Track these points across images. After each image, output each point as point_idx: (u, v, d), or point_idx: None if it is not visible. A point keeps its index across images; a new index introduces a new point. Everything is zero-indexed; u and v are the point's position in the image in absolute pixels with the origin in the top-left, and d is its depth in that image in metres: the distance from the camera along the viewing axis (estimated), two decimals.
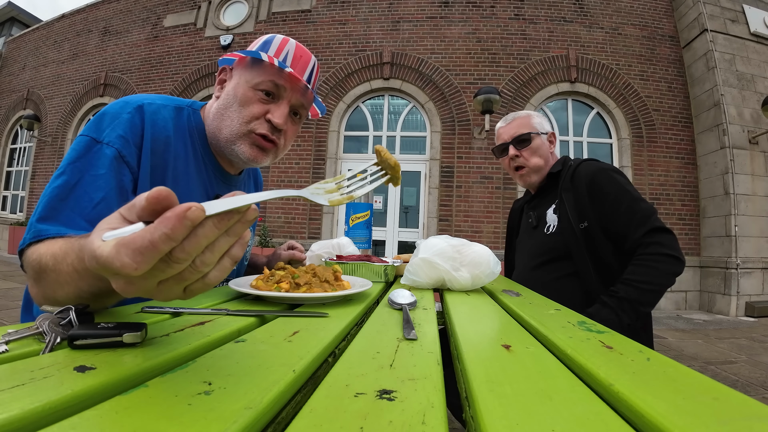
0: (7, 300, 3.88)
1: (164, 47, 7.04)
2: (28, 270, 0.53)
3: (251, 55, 0.74)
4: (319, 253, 1.10)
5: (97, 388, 0.26)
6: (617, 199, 1.09)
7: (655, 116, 5.66)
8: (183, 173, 0.73)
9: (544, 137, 1.28)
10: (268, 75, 0.74)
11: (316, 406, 0.25)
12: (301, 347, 0.38)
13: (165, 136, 0.70)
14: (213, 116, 0.77)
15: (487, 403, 0.26)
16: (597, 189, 1.13)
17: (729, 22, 5.58)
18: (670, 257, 1.01)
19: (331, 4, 6.41)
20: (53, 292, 0.46)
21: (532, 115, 1.31)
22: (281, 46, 0.77)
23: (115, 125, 0.65)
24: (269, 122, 0.75)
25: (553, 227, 1.21)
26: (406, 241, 5.84)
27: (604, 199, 1.11)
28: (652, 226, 1.04)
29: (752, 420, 0.25)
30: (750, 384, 2.34)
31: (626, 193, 1.10)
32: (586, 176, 1.15)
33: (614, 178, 1.13)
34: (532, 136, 1.26)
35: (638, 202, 1.08)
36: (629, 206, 1.08)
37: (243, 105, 0.74)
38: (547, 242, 1.22)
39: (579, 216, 1.14)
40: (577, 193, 1.16)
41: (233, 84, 0.76)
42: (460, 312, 0.62)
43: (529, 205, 1.38)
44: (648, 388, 0.30)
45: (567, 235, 1.15)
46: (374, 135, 6.17)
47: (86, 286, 0.42)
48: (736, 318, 4.66)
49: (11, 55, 9.20)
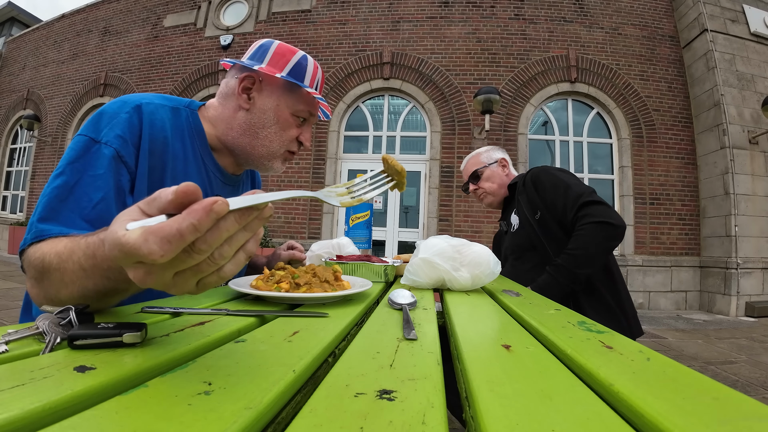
0: (7, 300, 3.88)
1: (164, 47, 7.04)
2: (29, 270, 0.53)
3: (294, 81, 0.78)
4: (319, 253, 1.10)
5: (97, 388, 0.26)
6: (555, 187, 1.29)
7: (655, 116, 5.66)
8: (182, 173, 0.73)
9: (494, 166, 1.54)
10: (308, 105, 0.82)
11: (316, 406, 0.25)
12: (301, 347, 0.38)
13: (163, 136, 0.70)
14: (242, 130, 0.79)
15: (487, 403, 0.26)
16: (540, 183, 1.34)
17: (729, 22, 5.58)
18: (600, 223, 1.15)
19: (331, 4, 6.41)
20: (56, 291, 0.46)
21: (480, 152, 1.59)
22: (314, 73, 0.83)
23: (113, 125, 0.65)
24: (299, 142, 0.84)
25: (516, 226, 1.43)
26: (406, 241, 5.84)
27: (545, 191, 1.31)
28: (582, 201, 1.20)
29: (752, 420, 0.25)
30: (750, 384, 2.34)
31: (561, 181, 1.29)
32: (532, 177, 1.37)
33: (552, 173, 1.34)
34: (480, 171, 1.55)
35: (571, 187, 1.26)
36: (564, 192, 1.26)
37: (283, 129, 0.81)
38: (514, 240, 1.43)
39: (532, 210, 1.34)
40: (528, 193, 1.36)
41: (271, 105, 0.79)
42: (460, 312, 0.62)
43: (501, 219, 1.64)
44: (648, 388, 0.30)
45: (527, 229, 1.35)
46: (374, 135, 6.17)
47: (91, 285, 0.42)
48: (736, 318, 4.66)
49: (11, 55, 9.20)
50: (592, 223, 1.16)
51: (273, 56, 0.79)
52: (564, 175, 1.33)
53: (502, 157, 1.56)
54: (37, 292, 0.51)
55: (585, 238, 1.16)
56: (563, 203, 1.25)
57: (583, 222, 1.18)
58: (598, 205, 1.18)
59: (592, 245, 1.15)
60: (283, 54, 0.79)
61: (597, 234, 1.15)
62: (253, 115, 0.78)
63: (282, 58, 0.78)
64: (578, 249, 1.16)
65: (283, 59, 0.78)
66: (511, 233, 1.45)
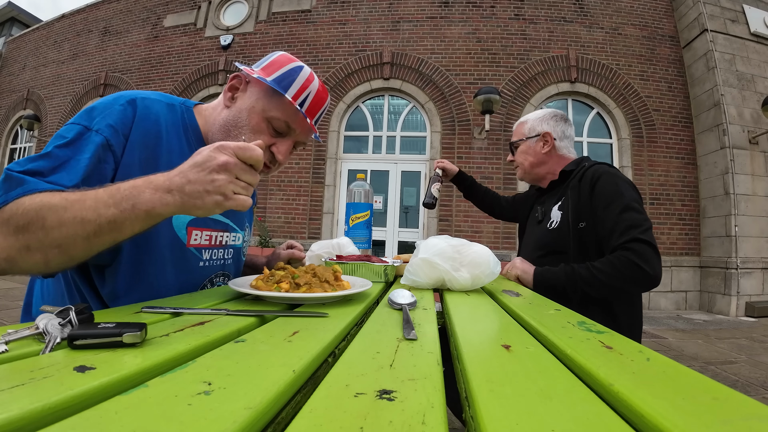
0: (7, 300, 3.88)
1: (164, 47, 7.04)
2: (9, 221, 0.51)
3: (275, 87, 0.75)
4: (319, 253, 1.10)
5: (97, 388, 0.26)
6: (611, 204, 1.10)
7: (655, 116, 5.66)
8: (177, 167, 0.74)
9: (532, 141, 1.38)
10: (285, 114, 0.77)
11: (316, 406, 0.25)
12: (301, 347, 0.38)
13: (156, 129, 0.71)
14: (220, 126, 0.78)
15: (487, 403, 0.26)
16: (597, 190, 1.14)
17: (729, 22, 5.58)
18: (637, 266, 1.00)
19: (331, 4, 6.41)
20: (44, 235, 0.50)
21: (526, 121, 1.42)
22: (305, 85, 0.79)
23: (105, 115, 0.66)
24: (272, 153, 0.78)
25: (555, 223, 1.24)
26: (406, 241, 5.84)
27: (599, 200, 1.13)
28: (633, 237, 1.03)
29: (752, 420, 0.25)
30: (750, 384, 2.34)
31: (621, 199, 1.09)
32: (592, 177, 1.17)
33: (616, 183, 1.13)
34: (517, 144, 1.42)
35: (630, 211, 1.07)
36: (619, 213, 1.07)
37: (253, 133, 0.77)
38: (546, 237, 1.26)
39: (578, 215, 1.17)
40: (581, 193, 1.18)
41: (248, 105, 0.77)
42: (460, 312, 0.62)
43: (539, 200, 1.44)
44: (648, 388, 0.30)
45: (564, 233, 1.19)
46: (374, 135, 6.18)
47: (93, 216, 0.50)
48: (736, 318, 4.66)
49: (11, 55, 9.20)
50: (632, 261, 1.01)
51: (269, 63, 0.79)
52: (627, 190, 1.12)
53: (546, 131, 1.35)
54: (11, 243, 0.51)
55: (616, 269, 1.02)
56: (612, 226, 1.07)
57: (623, 253, 1.03)
58: (647, 247, 1.02)
59: (618, 280, 1.02)
60: (279, 62, 0.79)
61: (629, 274, 1.01)
62: (231, 113, 0.78)
63: (276, 65, 0.79)
64: (602, 273, 1.03)
65: (276, 67, 0.78)
66: (547, 229, 1.26)
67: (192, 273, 0.79)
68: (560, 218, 1.23)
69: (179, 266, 0.75)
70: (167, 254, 0.73)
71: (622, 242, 1.04)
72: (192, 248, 0.78)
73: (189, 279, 0.78)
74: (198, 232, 0.79)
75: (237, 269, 0.95)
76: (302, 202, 5.87)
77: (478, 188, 1.74)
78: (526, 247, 1.38)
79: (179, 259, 0.75)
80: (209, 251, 0.82)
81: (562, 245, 1.19)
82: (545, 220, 1.30)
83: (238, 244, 0.93)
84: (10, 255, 0.51)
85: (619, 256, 1.03)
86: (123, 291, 0.68)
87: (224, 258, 0.87)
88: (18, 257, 0.51)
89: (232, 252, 0.90)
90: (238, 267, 0.96)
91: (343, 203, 5.90)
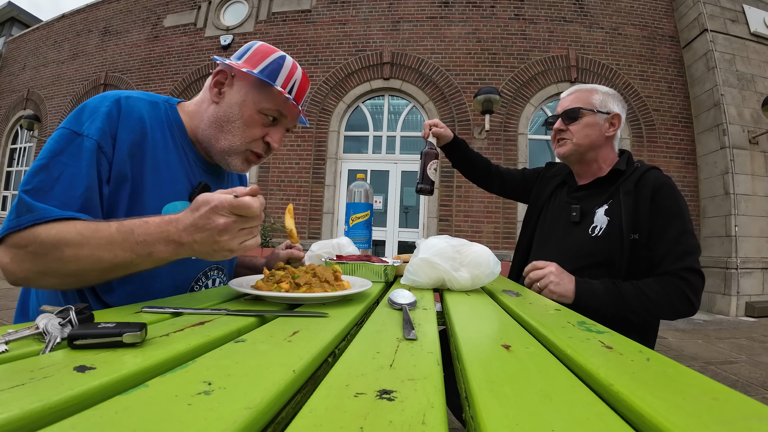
0: (7, 300, 3.88)
1: (164, 47, 7.04)
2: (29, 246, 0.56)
3: (264, 79, 0.76)
4: (319, 253, 1.10)
5: (97, 388, 0.26)
6: (671, 222, 1.01)
7: (655, 116, 5.66)
8: (164, 161, 0.75)
9: (602, 117, 1.14)
10: (276, 104, 0.79)
11: (316, 406, 0.25)
12: (301, 347, 0.38)
13: (141, 126, 0.73)
14: (209, 123, 0.79)
15: (487, 403, 0.26)
16: (660, 201, 1.03)
17: (729, 22, 5.58)
18: (687, 299, 0.96)
19: (331, 4, 6.41)
20: (61, 265, 0.56)
21: (596, 90, 1.17)
22: (291, 74, 0.80)
23: (93, 118, 0.68)
24: (266, 143, 0.81)
25: (601, 230, 1.08)
26: (406, 241, 5.84)
27: (659, 216, 1.02)
28: (689, 266, 0.97)
29: (752, 420, 0.25)
30: (750, 384, 2.34)
31: (682, 219, 1.01)
32: (654, 185, 1.04)
33: (678, 200, 1.03)
34: (583, 113, 1.14)
35: (688, 234, 1.00)
36: (678, 234, 0.99)
37: (247, 126, 0.78)
38: (588, 245, 1.09)
39: (633, 225, 1.03)
40: (638, 200, 1.04)
41: (238, 99, 0.78)
42: (460, 312, 0.62)
43: (572, 194, 1.22)
44: (648, 388, 0.30)
45: (614, 243, 1.04)
46: (374, 135, 6.18)
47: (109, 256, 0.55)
48: (736, 318, 4.66)
49: (11, 55, 9.20)
50: (683, 292, 0.96)
51: (251, 54, 0.80)
52: (686, 210, 1.04)
53: (617, 113, 1.15)
54: (28, 267, 0.56)
55: (666, 296, 0.96)
56: (669, 248, 0.99)
57: (676, 282, 0.97)
58: (698, 278, 0.97)
59: (665, 307, 0.96)
60: (262, 53, 0.80)
61: (678, 304, 0.96)
62: (221, 109, 0.79)
63: (259, 56, 0.80)
64: (652, 297, 0.96)
65: (259, 57, 0.79)
66: (590, 236, 1.09)
67: (184, 265, 0.79)
68: (607, 224, 1.07)
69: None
70: None
71: (676, 269, 0.97)
72: None
73: (182, 271, 0.79)
74: None
75: (230, 263, 0.96)
76: (302, 202, 5.87)
77: (471, 153, 1.45)
78: (562, 252, 1.14)
79: None
80: None
81: (608, 256, 1.05)
82: (585, 223, 1.12)
83: None
84: (28, 276, 0.58)
85: (671, 284, 0.97)
86: (116, 284, 0.69)
87: None
88: (35, 279, 0.58)
89: None
90: (231, 261, 0.97)
91: (343, 203, 5.90)
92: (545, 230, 1.25)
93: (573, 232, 1.15)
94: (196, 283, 0.83)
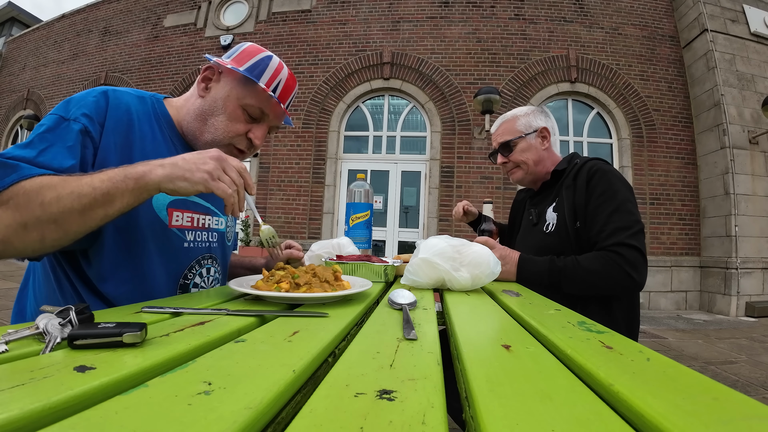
0: (7, 300, 3.88)
1: (164, 47, 7.04)
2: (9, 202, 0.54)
3: (249, 76, 0.80)
4: (319, 253, 1.10)
5: (97, 388, 0.26)
6: (602, 203, 1.07)
7: (655, 116, 5.66)
8: (152, 152, 0.77)
9: (532, 137, 1.27)
10: (259, 101, 0.82)
11: (316, 406, 0.25)
12: (301, 347, 0.38)
13: (127, 117, 0.75)
14: (194, 115, 0.83)
15: (487, 403, 0.26)
16: (592, 188, 1.10)
17: (729, 22, 5.58)
18: (624, 272, 0.98)
19: (331, 4, 6.41)
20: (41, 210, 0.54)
21: (517, 116, 1.29)
22: (276, 73, 0.84)
23: (81, 105, 0.69)
24: (248, 139, 0.84)
25: (552, 226, 1.19)
26: (406, 241, 5.84)
27: (592, 197, 1.09)
28: (620, 241, 1.00)
29: (752, 420, 0.25)
30: (750, 384, 2.34)
31: (614, 199, 1.06)
32: (587, 174, 1.12)
33: (611, 181, 1.09)
34: (515, 142, 1.28)
35: (622, 212, 1.04)
36: (610, 213, 1.04)
37: (230, 120, 0.82)
38: (544, 241, 1.20)
39: (574, 215, 1.12)
40: (576, 191, 1.13)
41: (222, 94, 0.81)
42: (460, 312, 0.62)
43: (531, 201, 1.37)
44: (648, 388, 0.30)
45: (563, 236, 1.14)
46: (374, 135, 6.17)
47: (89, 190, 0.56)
48: (736, 318, 4.66)
49: (11, 55, 9.20)
50: (619, 266, 0.99)
51: (240, 53, 0.84)
52: (622, 190, 1.08)
53: (543, 126, 1.27)
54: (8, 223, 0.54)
55: (603, 270, 1.00)
56: (601, 226, 1.04)
57: (612, 256, 1.00)
58: (635, 252, 1.00)
59: (601, 281, 1.00)
60: (249, 52, 0.83)
61: (614, 276, 0.99)
62: (206, 102, 0.82)
63: (246, 55, 0.83)
64: (586, 271, 1.01)
65: (246, 56, 0.83)
66: (544, 233, 1.20)
67: (177, 253, 0.80)
68: (556, 220, 1.17)
69: (163, 247, 0.77)
70: (149, 234, 0.75)
71: (608, 244, 1.02)
72: (174, 229, 0.80)
73: (174, 259, 0.80)
74: (179, 213, 0.81)
75: (223, 253, 0.97)
76: (302, 202, 5.87)
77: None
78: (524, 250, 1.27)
79: (162, 240, 0.77)
80: (193, 233, 0.84)
81: (560, 249, 1.13)
82: (540, 222, 1.25)
83: (221, 228, 0.95)
84: (6, 235, 0.54)
85: (606, 257, 1.01)
86: (109, 272, 0.70)
87: (209, 241, 0.90)
88: (14, 237, 0.54)
89: (216, 235, 0.93)
90: (224, 251, 0.98)
91: (343, 203, 5.90)
92: (520, 237, 1.41)
93: (533, 232, 1.28)
94: (190, 270, 0.84)
